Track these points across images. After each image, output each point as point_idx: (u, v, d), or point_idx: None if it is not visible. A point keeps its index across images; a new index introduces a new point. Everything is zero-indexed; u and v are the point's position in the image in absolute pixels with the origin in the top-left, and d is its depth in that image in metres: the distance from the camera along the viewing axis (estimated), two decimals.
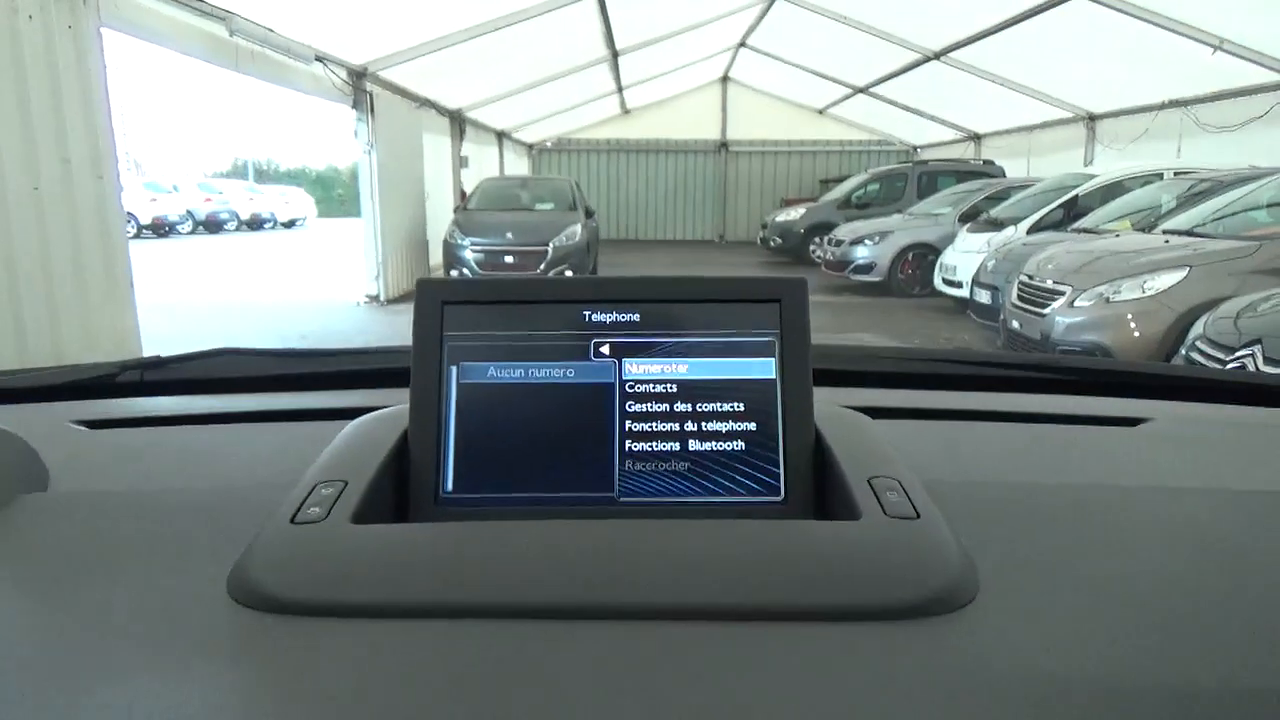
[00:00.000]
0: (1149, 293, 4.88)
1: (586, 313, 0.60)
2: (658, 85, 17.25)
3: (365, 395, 0.86)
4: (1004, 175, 12.26)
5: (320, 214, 32.99)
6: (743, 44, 15.99)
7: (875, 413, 0.69)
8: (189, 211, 23.73)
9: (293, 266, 14.78)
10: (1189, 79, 9.58)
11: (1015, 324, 5.78)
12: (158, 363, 0.96)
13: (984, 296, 7.20)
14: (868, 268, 10.36)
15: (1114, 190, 8.26)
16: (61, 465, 0.67)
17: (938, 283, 9.12)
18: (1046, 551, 0.53)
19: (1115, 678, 0.41)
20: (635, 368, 0.59)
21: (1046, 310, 5.36)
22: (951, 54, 12.00)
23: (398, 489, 0.59)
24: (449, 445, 0.59)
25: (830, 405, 0.65)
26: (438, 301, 0.60)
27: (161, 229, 22.21)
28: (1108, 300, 5.02)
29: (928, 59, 12.53)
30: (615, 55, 13.23)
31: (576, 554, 0.49)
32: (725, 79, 19.24)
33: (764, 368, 0.59)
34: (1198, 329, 3.94)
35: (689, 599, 0.46)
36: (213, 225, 24.59)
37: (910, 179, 13.35)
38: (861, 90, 15.96)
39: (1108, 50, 9.90)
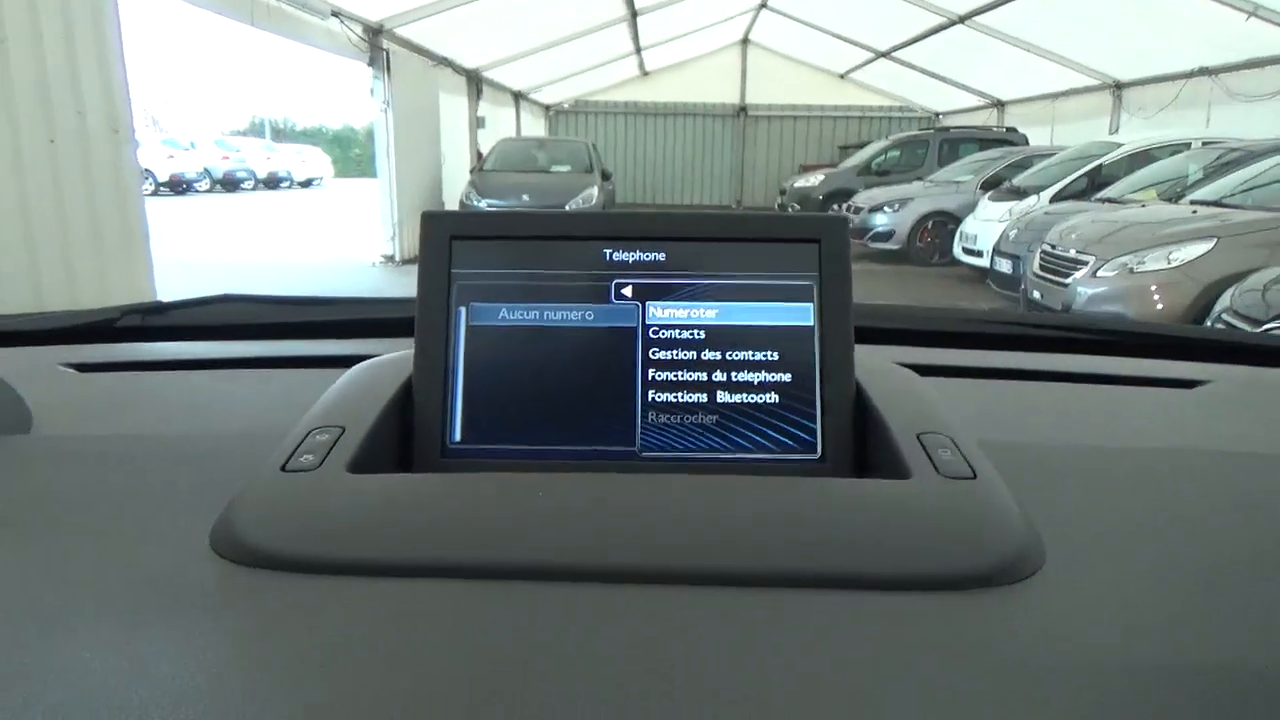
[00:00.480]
0: (1174, 264, 4.79)
1: (607, 251, 0.56)
2: (677, 47, 17.00)
3: (371, 344, 0.83)
4: (1027, 143, 12.07)
5: (337, 173, 33.00)
6: (764, 5, 15.72)
7: (920, 370, 0.65)
8: (206, 169, 23.72)
9: (309, 226, 14.78)
10: (1220, 46, 9.34)
11: (1036, 294, 5.70)
12: (159, 308, 0.94)
13: (1005, 266, 7.11)
14: (886, 235, 10.25)
15: (1140, 160, 8.11)
16: (48, 409, 0.65)
17: (957, 251, 9.01)
18: (1112, 520, 0.49)
19: (1185, 659, 0.37)
20: (660, 311, 0.55)
21: (1069, 280, 5.28)
22: (977, 18, 11.75)
23: (401, 440, 0.55)
24: (457, 392, 0.55)
25: (873, 358, 0.60)
26: (445, 235, 0.56)
27: (179, 186, 22.22)
28: (1131, 271, 4.94)
29: (952, 22, 12.28)
30: (634, 15, 13.04)
31: (594, 511, 0.45)
32: (745, 41, 18.95)
33: (801, 314, 0.55)
34: (1224, 301, 3.87)
35: (719, 563, 0.42)
36: (230, 183, 24.58)
37: (931, 146, 13.15)
38: (884, 54, 15.68)
39: (1136, 16, 9.67)
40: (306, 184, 28.93)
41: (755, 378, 0.55)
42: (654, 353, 0.55)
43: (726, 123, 19.72)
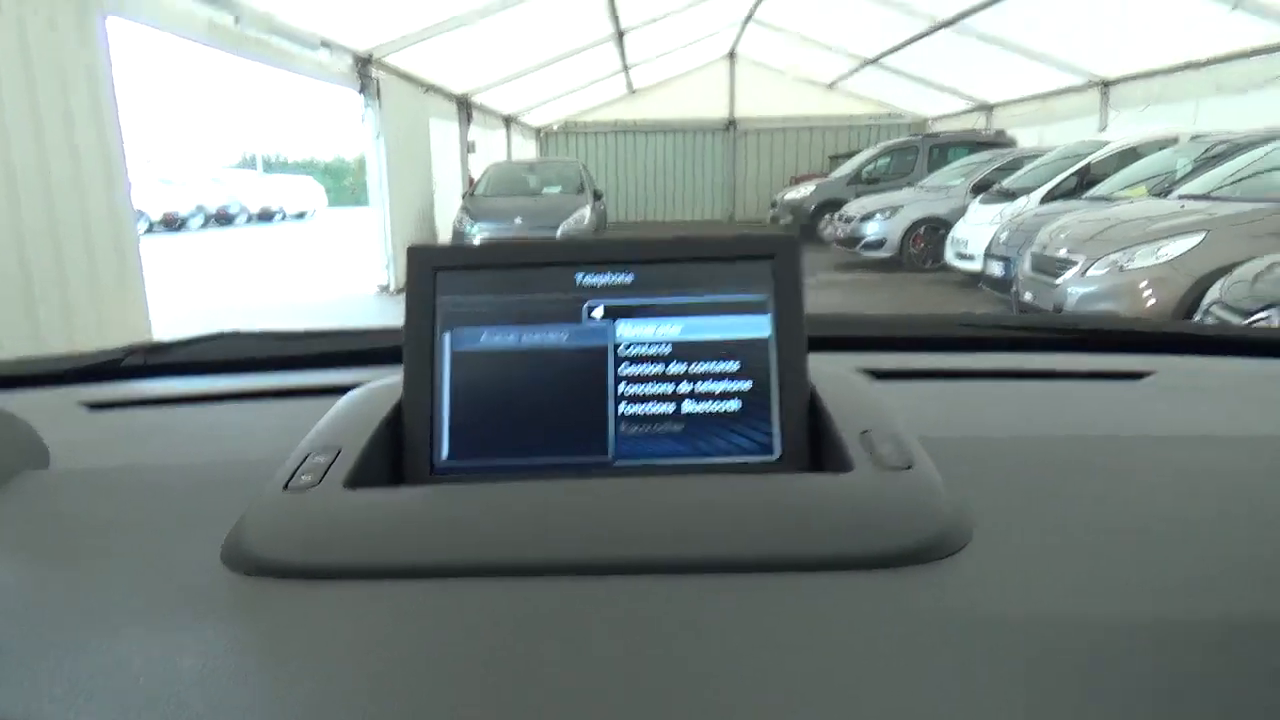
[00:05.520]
0: (1163, 259, 4.82)
1: (579, 275, 0.60)
2: (664, 64, 17.13)
3: (366, 372, 0.87)
4: (1016, 145, 12.13)
5: (330, 204, 33.03)
6: (750, 18, 15.84)
7: (875, 375, 0.69)
8: (200, 206, 23.78)
9: (305, 259, 14.82)
10: (1205, 40, 9.40)
11: (1028, 295, 5.72)
12: (161, 347, 0.98)
13: (997, 269, 7.13)
14: (878, 244, 10.29)
15: (1128, 157, 8.15)
16: (63, 445, 0.68)
17: (949, 256, 9.05)
18: (1042, 499, 0.54)
19: (1111, 616, 0.41)
20: (629, 330, 0.59)
21: (1059, 281, 5.31)
22: (962, 21, 11.84)
23: (393, 460, 0.59)
24: (444, 412, 0.59)
25: (826, 365, 0.65)
26: (429, 267, 0.60)
27: (173, 224, 22.27)
28: (1121, 268, 4.97)
29: (938, 27, 12.37)
30: (620, 34, 13.15)
31: (571, 512, 0.49)
32: (732, 55, 19.09)
33: (758, 326, 0.59)
34: (1213, 294, 3.89)
35: (684, 552, 0.46)
36: (224, 219, 24.64)
37: (920, 152, 13.22)
38: (871, 62, 15.80)
39: (1121, 12, 9.74)
40: (300, 216, 28.99)
41: (717, 387, 0.59)
42: (624, 368, 0.59)
43: (716, 137, 19.84)
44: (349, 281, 10.39)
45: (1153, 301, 4.77)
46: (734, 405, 0.59)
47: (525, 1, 9.38)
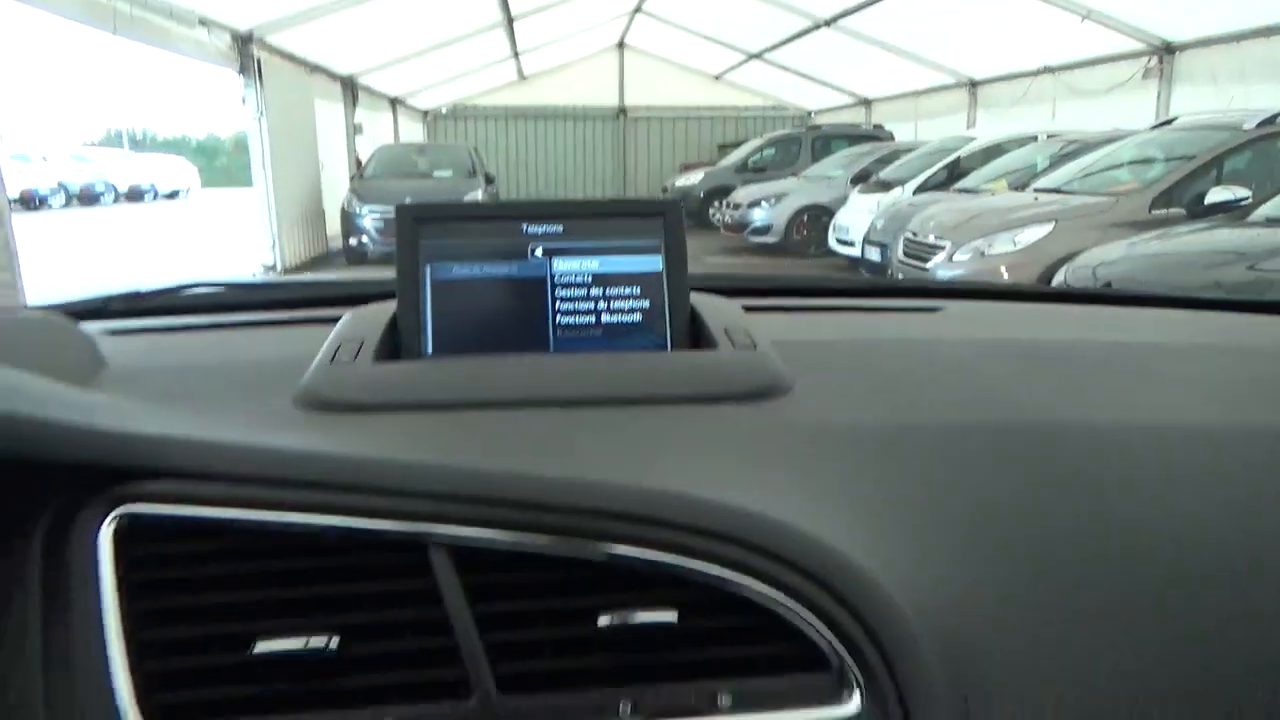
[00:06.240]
0: (1019, 246, 5.25)
1: (525, 225, 0.79)
2: (554, 51, 17.14)
3: (335, 311, 0.97)
4: (893, 139, 12.71)
5: (204, 184, 31.61)
6: (638, 9, 16.02)
7: (746, 308, 0.86)
8: (61, 184, 22.43)
9: (183, 240, 14.23)
10: (1061, 46, 10.11)
11: (901, 278, 6.10)
12: (136, 295, 1.04)
13: (874, 254, 7.54)
14: (764, 229, 10.65)
15: (993, 152, 8.71)
16: (109, 354, 0.77)
17: (832, 242, 9.46)
18: (852, 369, 0.78)
19: (905, 423, 0.67)
20: (561, 265, 0.79)
21: (929, 264, 5.70)
22: (841, 21, 12.32)
23: (393, 354, 0.77)
24: (427, 323, 0.77)
25: (706, 295, 0.86)
26: (412, 220, 0.79)
27: (31, 202, 20.92)
28: (983, 254, 5.38)
29: (819, 25, 12.84)
30: (510, 20, 13.11)
31: (523, 369, 0.72)
32: (622, 44, 19.25)
33: (654, 263, 0.80)
34: (1059, 278, 4.29)
35: (596, 392, 0.69)
36: (88, 198, 23.30)
37: (804, 143, 13.68)
38: (756, 56, 16.22)
39: (988, 18, 10.34)
40: (172, 195, 27.73)
41: (626, 305, 0.79)
42: (559, 292, 0.79)
43: (607, 124, 19.99)
44: (232, 262, 10.08)
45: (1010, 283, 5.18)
46: (638, 318, 0.79)
47: None
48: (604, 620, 0.50)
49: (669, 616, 0.50)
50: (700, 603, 0.52)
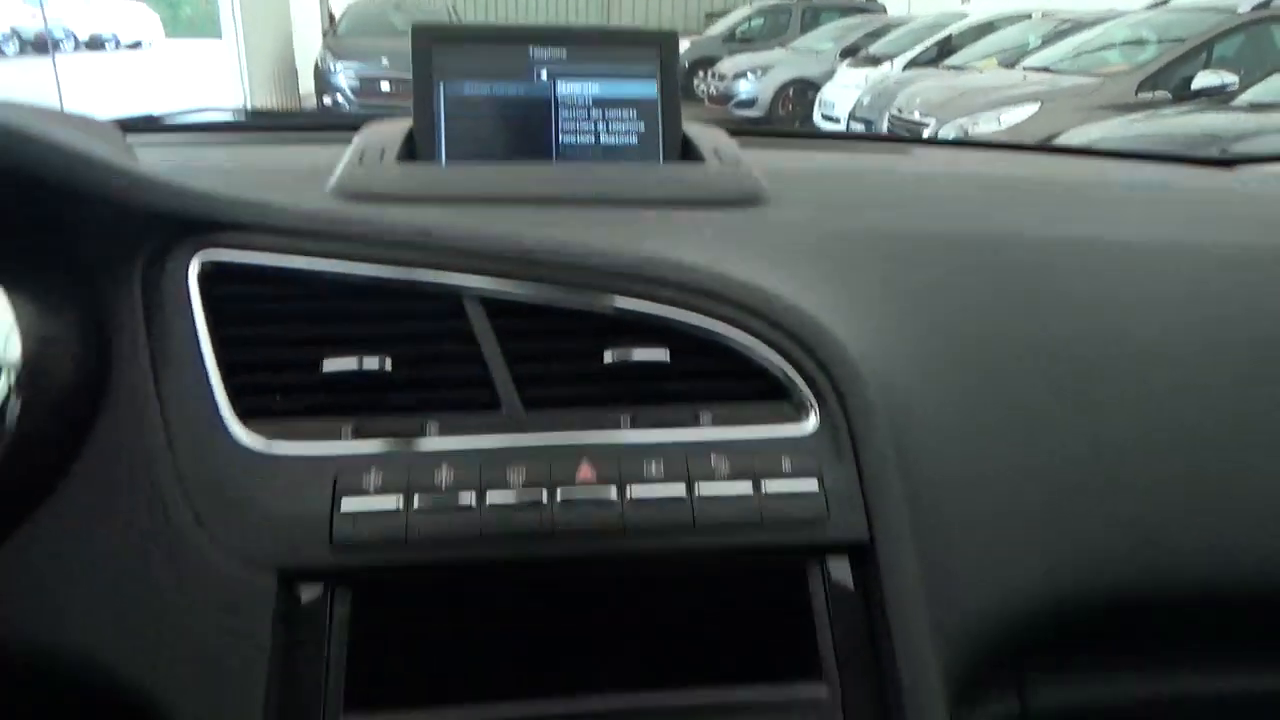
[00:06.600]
0: (1003, 125, 5.26)
1: (531, 49, 0.85)
2: None
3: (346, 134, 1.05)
4: (885, 13, 12.38)
5: (167, 34, 30.17)
6: None
7: (739, 143, 0.92)
8: (15, 30, 21.33)
9: (150, 92, 13.72)
10: None
11: None
12: (152, 118, 1.08)
13: (859, 130, 7.48)
14: (749, 102, 10.47)
15: (985, 29, 8.55)
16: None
17: (817, 118, 9.32)
18: (822, 182, 0.88)
19: (858, 226, 0.78)
20: (564, 87, 0.85)
21: None
22: None
23: (410, 158, 0.85)
24: (440, 134, 0.82)
25: (698, 122, 0.92)
26: (429, 39, 0.84)
27: None
28: (966, 132, 5.38)
29: None
30: None
31: (535, 173, 0.79)
32: None
33: (649, 89, 0.86)
34: None
35: (601, 192, 0.77)
36: (43, 45, 22.20)
37: (794, 13, 13.26)
38: None
39: None
40: (135, 45, 26.47)
41: (623, 127, 0.85)
42: (562, 111, 0.85)
43: None
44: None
45: None
46: (634, 140, 0.86)
47: None
48: (609, 356, 0.61)
49: (661, 354, 0.61)
50: (687, 346, 0.62)
